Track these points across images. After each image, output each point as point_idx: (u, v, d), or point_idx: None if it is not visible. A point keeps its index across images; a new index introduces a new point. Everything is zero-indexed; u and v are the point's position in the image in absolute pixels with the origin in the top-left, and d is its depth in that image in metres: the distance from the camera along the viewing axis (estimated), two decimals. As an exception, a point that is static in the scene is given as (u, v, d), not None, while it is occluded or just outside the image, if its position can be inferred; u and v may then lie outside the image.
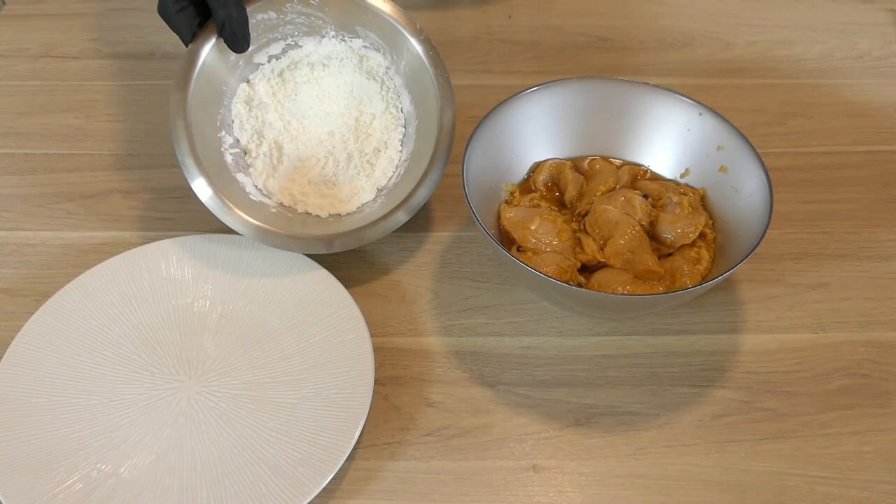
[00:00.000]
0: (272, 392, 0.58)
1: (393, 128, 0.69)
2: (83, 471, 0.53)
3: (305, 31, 0.68)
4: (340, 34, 0.69)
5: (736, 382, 0.60)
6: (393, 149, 0.69)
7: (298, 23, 0.68)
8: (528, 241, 0.62)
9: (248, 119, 0.67)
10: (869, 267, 0.67)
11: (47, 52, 0.86)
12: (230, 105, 0.67)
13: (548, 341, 0.62)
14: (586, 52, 0.87)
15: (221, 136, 0.66)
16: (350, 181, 0.67)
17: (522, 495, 0.55)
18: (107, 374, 0.58)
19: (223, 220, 0.61)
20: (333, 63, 0.70)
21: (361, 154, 0.68)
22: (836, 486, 0.55)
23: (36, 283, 0.65)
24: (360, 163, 0.68)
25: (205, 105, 0.64)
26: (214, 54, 0.64)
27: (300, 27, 0.68)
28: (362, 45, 0.69)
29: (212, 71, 0.64)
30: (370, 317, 0.62)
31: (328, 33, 0.69)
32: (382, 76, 0.70)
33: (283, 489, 0.52)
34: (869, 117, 0.79)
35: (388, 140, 0.69)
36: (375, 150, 0.69)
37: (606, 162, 0.69)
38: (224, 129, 0.66)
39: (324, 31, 0.69)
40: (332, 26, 0.69)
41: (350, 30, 0.69)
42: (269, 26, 0.67)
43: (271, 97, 0.68)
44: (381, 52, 0.69)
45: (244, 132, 0.67)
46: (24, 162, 0.75)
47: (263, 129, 0.68)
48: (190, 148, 0.61)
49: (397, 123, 0.69)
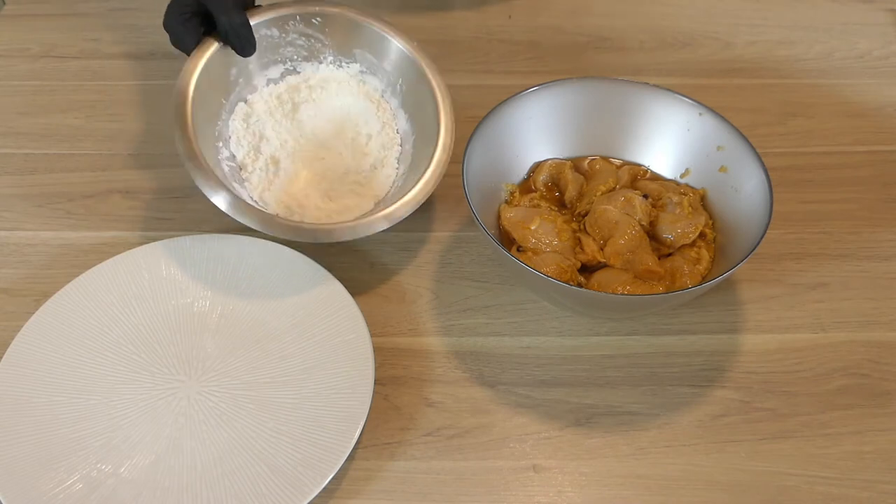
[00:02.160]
0: (272, 392, 0.58)
1: (389, 146, 0.70)
2: (83, 471, 0.53)
3: (304, 56, 0.71)
4: (338, 59, 0.71)
5: (736, 382, 0.60)
6: (390, 166, 0.69)
7: (298, 45, 0.70)
8: (528, 241, 0.62)
9: (245, 135, 0.68)
10: (869, 267, 0.67)
11: (47, 52, 0.86)
12: (227, 121, 0.68)
13: (548, 341, 0.62)
14: (586, 52, 0.87)
15: (219, 146, 0.66)
16: (345, 196, 0.68)
17: (522, 495, 0.55)
18: (107, 374, 0.58)
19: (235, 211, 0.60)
20: (331, 85, 0.71)
21: (358, 171, 0.69)
22: (836, 486, 0.55)
23: (36, 283, 0.65)
24: (356, 178, 0.69)
25: (204, 116, 0.64)
26: (214, 69, 0.65)
27: (300, 50, 0.70)
28: (359, 69, 0.72)
29: (210, 85, 0.65)
30: (370, 317, 0.62)
31: (326, 59, 0.71)
32: (378, 99, 0.72)
33: (283, 489, 0.52)
34: (869, 117, 0.79)
35: (385, 158, 0.70)
36: (372, 167, 0.69)
37: (606, 162, 0.69)
38: (221, 142, 0.67)
39: (322, 57, 0.71)
40: (331, 50, 0.71)
41: (348, 54, 0.71)
42: (270, 45, 0.69)
43: (269, 115, 0.69)
44: (377, 75, 0.71)
45: (241, 148, 0.68)
46: (24, 162, 0.75)
47: (260, 145, 0.68)
48: (198, 155, 0.61)
49: (393, 143, 0.70)
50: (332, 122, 0.71)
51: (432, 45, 0.86)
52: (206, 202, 0.71)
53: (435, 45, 0.86)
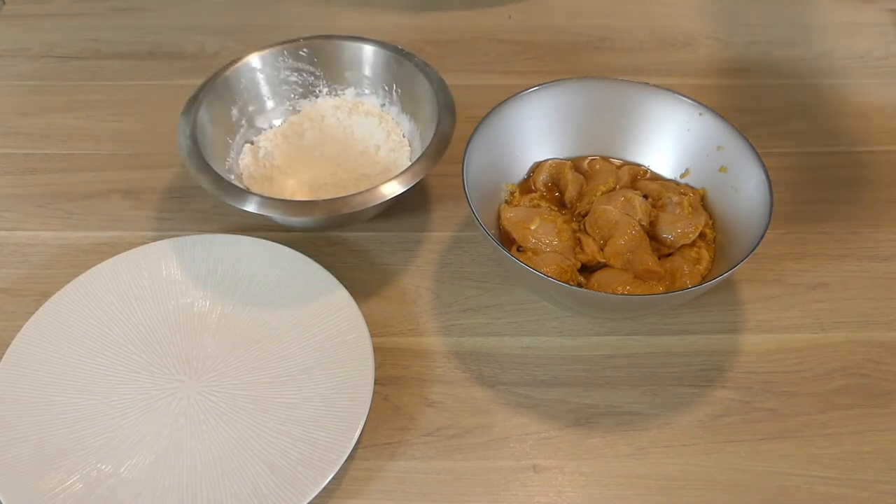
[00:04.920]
0: (272, 392, 0.58)
1: (398, 150, 0.71)
2: (83, 471, 0.53)
3: (301, 93, 0.74)
4: (333, 89, 0.74)
5: (736, 382, 0.60)
6: (403, 166, 0.70)
7: (292, 82, 0.73)
8: (528, 241, 0.62)
9: (257, 169, 0.69)
10: (869, 267, 0.67)
11: (47, 52, 0.86)
12: (237, 158, 0.70)
13: (548, 341, 0.62)
14: (586, 52, 0.87)
15: (231, 178, 0.65)
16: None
17: (522, 495, 0.55)
18: (107, 374, 0.58)
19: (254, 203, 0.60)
20: (331, 114, 0.74)
21: (369, 176, 0.70)
22: (836, 486, 0.55)
23: (36, 283, 0.65)
24: (371, 182, 0.69)
25: (213, 153, 0.66)
26: (216, 113, 0.68)
27: (295, 87, 0.73)
28: (355, 93, 0.74)
29: (215, 125, 0.68)
30: (370, 317, 0.62)
31: (321, 91, 0.74)
32: (379, 112, 0.73)
33: (283, 489, 0.52)
34: (869, 117, 0.79)
35: (396, 160, 0.71)
36: (385, 170, 0.70)
37: (606, 162, 0.69)
38: (234, 175, 0.68)
39: (317, 90, 0.74)
40: (324, 81, 0.74)
41: (340, 80, 0.74)
42: (270, 83, 0.72)
43: (277, 147, 0.71)
44: (373, 92, 0.74)
45: (254, 181, 0.69)
46: (24, 162, 0.75)
47: (273, 175, 0.69)
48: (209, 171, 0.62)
49: (402, 146, 0.72)
50: (339, 143, 0.72)
51: (432, 45, 0.87)
52: (206, 202, 0.71)
53: (435, 45, 0.87)
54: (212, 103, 0.67)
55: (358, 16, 0.90)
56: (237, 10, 0.91)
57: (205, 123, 0.66)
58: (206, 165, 0.62)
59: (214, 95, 0.68)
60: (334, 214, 0.60)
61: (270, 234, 0.66)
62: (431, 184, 0.73)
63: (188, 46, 0.87)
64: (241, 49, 0.75)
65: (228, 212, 0.70)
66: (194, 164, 0.62)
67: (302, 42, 0.72)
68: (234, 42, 0.87)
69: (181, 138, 0.64)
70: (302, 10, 0.91)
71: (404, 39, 0.86)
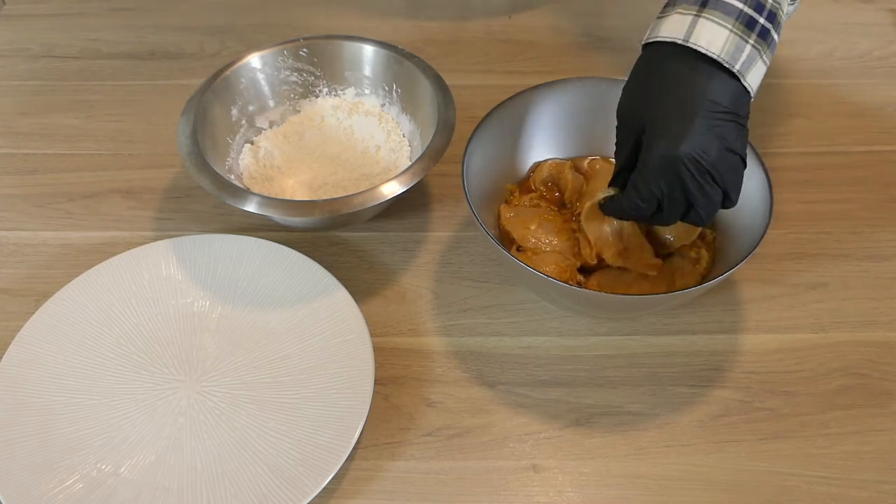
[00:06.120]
0: (272, 392, 0.58)
1: (398, 150, 0.71)
2: (83, 471, 0.53)
3: (301, 93, 0.73)
4: (332, 89, 0.74)
5: (736, 382, 0.60)
6: (403, 166, 0.70)
7: (293, 81, 0.73)
8: (528, 241, 0.62)
9: (257, 169, 0.69)
10: (869, 267, 0.67)
11: (47, 52, 0.86)
12: (237, 158, 0.70)
13: (548, 341, 0.62)
14: (586, 52, 0.87)
15: (231, 178, 0.66)
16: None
17: (522, 495, 0.55)
18: (107, 374, 0.58)
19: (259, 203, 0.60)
20: (331, 114, 0.74)
21: (369, 176, 0.70)
22: (836, 486, 0.55)
23: (36, 283, 0.65)
24: (371, 182, 0.69)
25: (213, 153, 0.66)
26: (216, 113, 0.68)
27: (295, 87, 0.73)
28: (355, 93, 0.74)
29: (215, 125, 0.68)
30: (370, 317, 0.62)
31: (321, 91, 0.74)
32: (380, 112, 0.73)
33: (283, 489, 0.52)
34: (869, 117, 0.79)
35: (396, 160, 0.70)
36: (385, 170, 0.70)
37: (606, 162, 0.69)
38: (234, 175, 0.68)
39: (317, 90, 0.74)
40: (324, 81, 0.74)
41: (340, 80, 0.74)
42: (267, 84, 0.72)
43: (277, 147, 0.71)
44: (373, 92, 0.74)
45: (254, 181, 0.68)
46: (24, 162, 0.75)
47: (273, 175, 0.69)
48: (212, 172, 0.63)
49: (402, 146, 0.72)
50: (339, 143, 0.72)
51: (432, 45, 0.87)
52: (206, 202, 0.71)
53: (435, 45, 0.87)
54: (212, 103, 0.67)
55: (358, 16, 0.90)
56: (237, 10, 0.91)
57: (205, 123, 0.66)
58: (206, 165, 0.62)
59: (214, 95, 0.68)
60: (334, 214, 0.60)
61: (270, 234, 0.66)
62: (431, 184, 0.73)
63: (188, 46, 0.87)
64: (241, 49, 0.75)
65: (228, 212, 0.70)
66: (194, 164, 0.62)
67: (302, 42, 0.72)
68: (234, 42, 0.87)
69: (181, 138, 0.64)
70: (302, 10, 0.91)
71: (404, 39, 0.86)
